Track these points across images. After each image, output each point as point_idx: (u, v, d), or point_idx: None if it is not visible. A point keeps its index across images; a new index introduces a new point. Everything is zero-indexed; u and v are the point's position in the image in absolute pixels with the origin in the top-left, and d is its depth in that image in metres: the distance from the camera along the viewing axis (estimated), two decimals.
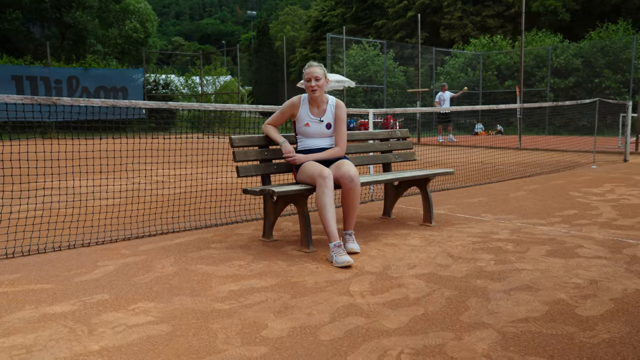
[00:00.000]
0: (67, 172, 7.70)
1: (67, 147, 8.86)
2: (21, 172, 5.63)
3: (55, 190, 6.66)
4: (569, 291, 3.01)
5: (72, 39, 28.44)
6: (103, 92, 23.21)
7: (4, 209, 5.36)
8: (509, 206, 5.73)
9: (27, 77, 21.66)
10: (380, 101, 25.38)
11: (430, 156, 11.89)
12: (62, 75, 22.48)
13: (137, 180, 7.70)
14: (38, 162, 5.81)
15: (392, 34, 39.17)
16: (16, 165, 7.28)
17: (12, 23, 28.22)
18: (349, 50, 27.42)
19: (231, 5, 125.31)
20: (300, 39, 54.45)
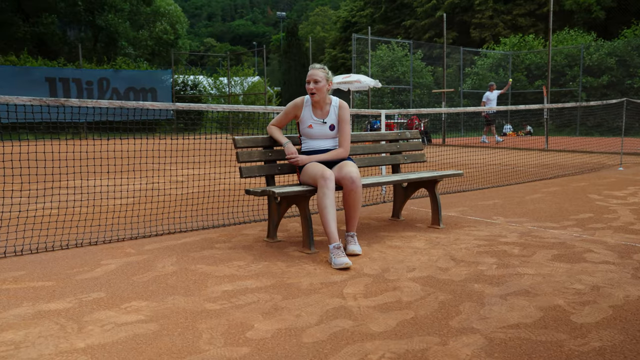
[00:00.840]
0: (89, 172, 7.87)
1: (95, 147, 9.06)
2: (45, 172, 5.78)
3: (78, 189, 6.81)
4: (568, 297, 2.94)
5: (104, 41, 29.07)
6: (132, 93, 23.65)
7: (21, 207, 5.50)
8: (523, 209, 5.62)
9: (60, 79, 22.23)
10: (408, 102, 25.20)
11: (452, 157, 11.75)
12: (93, 76, 22.98)
13: (156, 180, 7.82)
14: (61, 161, 5.94)
15: (421, 34, 38.86)
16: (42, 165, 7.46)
17: (48, 27, 29.03)
18: (377, 50, 27.32)
19: (262, 7, 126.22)
20: (329, 40, 54.46)
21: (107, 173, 8.16)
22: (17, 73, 21.96)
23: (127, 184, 6.55)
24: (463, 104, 26.43)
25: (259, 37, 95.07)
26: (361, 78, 16.65)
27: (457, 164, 10.18)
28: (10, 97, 3.80)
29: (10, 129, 19.67)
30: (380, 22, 42.70)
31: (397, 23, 41.85)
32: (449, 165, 9.99)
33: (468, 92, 27.18)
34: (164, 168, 8.88)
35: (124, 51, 28.66)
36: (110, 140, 16.08)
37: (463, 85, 27.07)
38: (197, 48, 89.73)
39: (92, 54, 28.46)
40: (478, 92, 27.32)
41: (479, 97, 27.83)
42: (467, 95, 27.33)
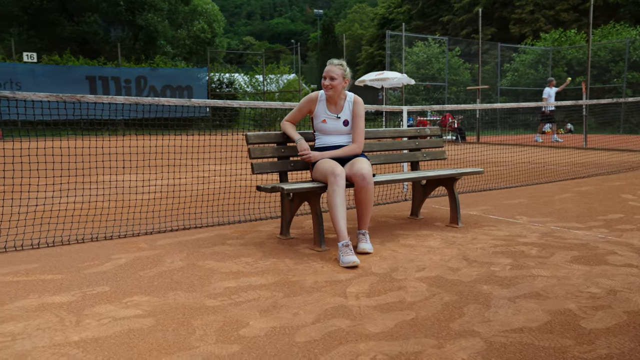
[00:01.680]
0: (120, 167, 8.02)
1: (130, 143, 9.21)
2: (76, 167, 5.90)
3: (106, 184, 6.94)
4: (581, 301, 2.80)
5: (144, 40, 29.64)
6: (169, 91, 24.05)
7: (46, 201, 5.63)
8: (550, 208, 5.43)
9: (99, 77, 22.79)
10: (443, 99, 24.83)
11: (484, 155, 11.49)
12: (131, 75, 23.47)
13: (182, 176, 7.90)
14: (96, 157, 6.06)
15: (459, 30, 38.22)
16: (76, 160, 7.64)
17: (91, 26, 29.78)
18: (413, 47, 27.00)
19: (301, 5, 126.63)
20: (366, 37, 54.20)
21: (136, 168, 8.28)
22: (60, 72, 22.61)
23: (154, 179, 6.64)
24: (500, 102, 25.87)
25: (297, 35, 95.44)
26: (394, 75, 16.47)
27: (487, 162, 9.95)
28: (28, 94, 3.88)
29: (52, 125, 20.27)
30: (418, 19, 42.23)
31: (435, 19, 41.30)
32: (479, 163, 9.77)
33: (506, 89, 26.60)
34: (191, 164, 8.97)
35: (163, 50, 29.16)
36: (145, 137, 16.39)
37: (501, 82, 26.48)
38: (236, 46, 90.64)
39: (132, 53, 29.08)
40: (516, 89, 26.71)
41: (517, 94, 27.22)
42: (505, 93, 26.75)
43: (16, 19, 29.25)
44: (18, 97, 3.83)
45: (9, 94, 3.79)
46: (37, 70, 22.22)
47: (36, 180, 6.98)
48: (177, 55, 30.16)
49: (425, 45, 26.64)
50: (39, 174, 7.41)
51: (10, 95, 3.79)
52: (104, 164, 8.51)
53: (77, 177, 7.52)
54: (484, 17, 39.09)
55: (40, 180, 7.03)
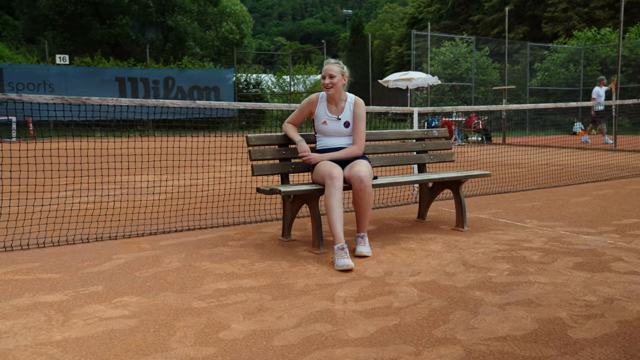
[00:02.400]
0: (139, 168, 8.14)
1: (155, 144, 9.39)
2: (95, 167, 6.02)
3: (124, 185, 7.06)
4: (574, 309, 2.72)
5: (173, 41, 30.06)
6: (196, 92, 24.34)
7: (59, 200, 5.75)
8: (563, 212, 5.29)
9: (129, 79, 23.22)
10: (470, 100, 24.50)
11: (505, 157, 11.29)
12: (159, 76, 23.84)
13: (199, 177, 7.98)
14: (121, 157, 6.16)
15: (489, 30, 37.65)
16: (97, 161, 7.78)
17: (122, 28, 30.35)
18: (440, 47, 26.72)
19: (332, 5, 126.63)
20: (395, 37, 53.84)
21: (153, 169, 8.40)
22: (91, 73, 23.13)
23: (169, 179, 6.71)
24: (530, 102, 25.39)
25: (328, 35, 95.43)
26: (419, 75, 16.32)
27: (508, 164, 9.76)
28: (34, 96, 3.96)
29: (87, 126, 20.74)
30: (447, 18, 41.76)
31: (465, 19, 40.76)
32: (498, 165, 9.60)
33: (536, 89, 26.08)
34: (209, 165, 9.04)
35: (191, 51, 29.54)
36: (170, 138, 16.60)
37: (530, 82, 25.98)
38: (267, 47, 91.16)
39: (162, 54, 29.52)
40: (547, 89, 26.17)
41: (548, 94, 26.67)
42: (535, 93, 26.24)
43: (51, 23, 30.01)
44: (24, 100, 3.91)
45: (16, 97, 3.88)
46: (69, 72, 22.77)
47: (56, 180, 7.14)
48: (205, 56, 30.50)
49: (453, 45, 26.32)
50: (60, 174, 7.58)
51: (17, 98, 3.88)
52: (125, 165, 8.65)
53: (96, 177, 7.66)
54: (515, 15, 38.45)
55: (60, 180, 7.19)
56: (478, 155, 11.82)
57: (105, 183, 7.34)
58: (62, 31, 29.52)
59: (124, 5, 30.53)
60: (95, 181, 6.93)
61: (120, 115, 18.79)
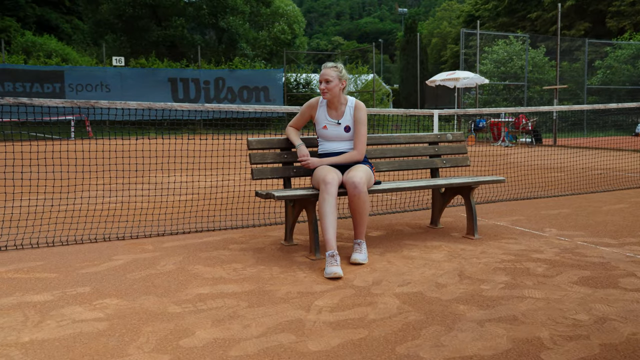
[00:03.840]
0: (172, 169, 8.32)
1: (200, 145, 9.59)
2: (130, 167, 6.19)
3: (152, 185, 7.22)
4: (559, 329, 2.54)
5: (226, 42, 30.64)
6: (246, 92, 24.69)
7: (82, 200, 5.94)
8: (589, 221, 5.01)
9: (180, 79, 23.83)
10: (523, 99, 23.68)
11: (548, 159, 10.83)
12: (210, 76, 24.35)
13: (230, 177, 8.07)
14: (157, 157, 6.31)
15: (548, 26, 36.30)
16: (139, 161, 8.00)
17: (177, 30, 31.20)
18: (493, 46, 25.98)
19: (390, 4, 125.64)
20: (452, 35, 52.85)
21: (186, 170, 8.56)
22: (145, 74, 23.90)
23: (199, 180, 6.81)
24: (588, 101, 24.31)
25: (385, 34, 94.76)
26: (466, 75, 15.92)
27: (550, 167, 9.36)
28: (45, 100, 4.09)
29: (143, 125, 21.46)
30: (504, 15, 40.60)
31: (523, 16, 39.50)
32: (536, 169, 9.21)
33: (595, 88, 24.94)
34: (242, 166, 9.12)
35: (242, 52, 30.01)
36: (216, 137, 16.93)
37: (590, 80, 24.86)
38: (324, 46, 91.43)
39: (215, 55, 30.15)
40: (608, 87, 24.98)
41: (609, 93, 25.46)
42: (595, 92, 25.10)
43: (111, 26, 31.23)
44: (35, 104, 4.05)
45: (27, 101, 4.01)
46: (124, 73, 23.61)
47: (87, 180, 7.39)
48: (257, 56, 30.92)
49: (507, 43, 25.53)
50: (97, 174, 7.85)
51: (27, 102, 4.02)
52: (159, 166, 8.86)
53: (130, 177, 7.88)
54: (576, 11, 36.90)
55: (91, 180, 7.43)
56: (521, 157, 11.41)
57: (135, 184, 7.53)
58: (120, 34, 30.64)
59: (180, 7, 31.40)
60: (127, 181, 7.13)
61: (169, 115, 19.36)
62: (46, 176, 5.45)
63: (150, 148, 6.42)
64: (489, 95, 24.78)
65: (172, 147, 9.90)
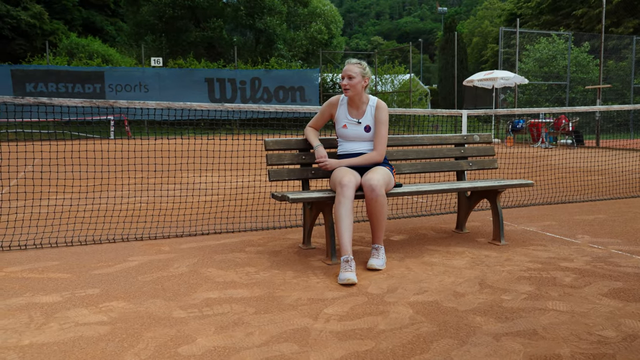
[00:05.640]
0: (203, 169, 8.33)
1: (232, 145, 9.61)
2: (162, 167, 6.21)
3: (184, 185, 7.24)
4: (581, 346, 2.36)
5: (263, 43, 30.79)
6: (282, 92, 24.73)
7: (108, 200, 5.97)
8: (626, 227, 4.73)
9: (217, 79, 24.05)
10: (565, 99, 22.94)
11: (589, 162, 10.40)
12: (246, 76, 24.49)
13: (258, 178, 8.03)
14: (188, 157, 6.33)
15: (594, 24, 35.12)
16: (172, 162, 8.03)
17: (215, 31, 31.52)
18: (535, 44, 25.27)
19: (431, 3, 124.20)
20: (493, 34, 51.80)
21: (217, 170, 8.56)
22: (183, 75, 24.22)
23: (231, 180, 6.78)
24: (635, 102, 23.37)
25: (425, 34, 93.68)
26: (504, 74, 15.50)
27: (589, 170, 8.98)
28: (64, 100, 4.10)
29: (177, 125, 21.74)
30: (548, 13, 39.49)
31: (567, 13, 38.34)
32: (575, 171, 8.84)
33: None
34: None
35: (279, 52, 30.10)
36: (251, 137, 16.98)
37: (637, 79, 23.89)
38: (364, 46, 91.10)
39: (253, 56, 30.32)
40: None
41: None
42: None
43: (151, 27, 31.78)
44: (55, 103, 4.06)
45: (46, 100, 4.03)
46: (162, 73, 23.98)
47: (120, 180, 7.46)
48: (294, 56, 30.96)
49: (549, 41, 24.80)
50: (130, 174, 7.91)
51: (47, 102, 4.03)
52: (191, 166, 8.89)
53: (162, 178, 7.93)
54: (625, 8, 35.53)
55: (123, 180, 7.50)
56: (561, 159, 11.01)
57: (161, 184, 7.56)
58: (160, 35, 31.17)
59: (219, 8, 31.71)
60: (157, 182, 7.16)
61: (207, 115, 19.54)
62: (78, 175, 5.51)
63: (183, 148, 6.46)
64: (530, 95, 24.11)
65: (205, 147, 9.97)
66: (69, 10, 40.32)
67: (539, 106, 22.77)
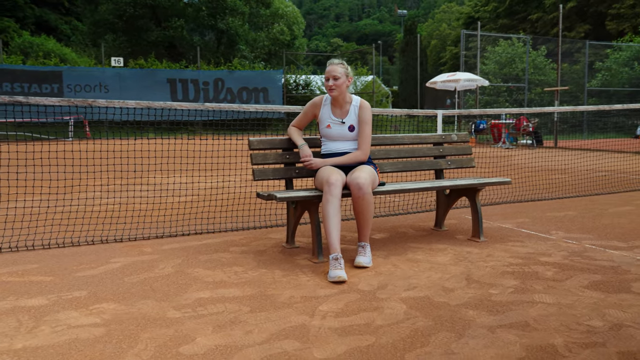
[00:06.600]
0: (170, 170, 8.22)
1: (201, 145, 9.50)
2: (129, 168, 6.09)
3: (152, 186, 7.12)
4: (573, 336, 2.45)
5: (225, 43, 30.56)
6: (245, 93, 24.59)
7: (79, 202, 5.83)
8: (596, 223, 4.92)
9: (179, 80, 23.73)
10: (524, 101, 23.61)
11: (551, 161, 10.75)
12: (209, 77, 24.25)
13: (230, 179, 7.97)
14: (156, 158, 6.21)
15: (549, 28, 36.26)
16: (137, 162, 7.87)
17: (176, 30, 31.11)
18: (496, 47, 25.91)
19: (389, 5, 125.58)
20: (451, 37, 52.82)
21: (187, 171, 8.47)
22: (144, 75, 23.80)
23: (202, 181, 6.70)
24: (589, 103, 24.24)
25: (385, 36, 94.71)
26: (467, 76, 15.84)
27: (551, 169, 9.28)
28: (41, 99, 3.99)
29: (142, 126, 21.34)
30: (505, 17, 40.56)
31: (523, 17, 39.46)
32: (539, 170, 9.12)
33: (596, 89, 24.87)
34: (242, 167, 9.04)
35: (241, 53, 29.93)
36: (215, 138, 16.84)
37: (590, 82, 24.79)
38: (324, 48, 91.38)
39: (215, 56, 30.05)
40: (607, 89, 24.92)
41: (609, 95, 25.39)
42: (595, 94, 25.02)
43: (111, 26, 31.12)
44: (31, 102, 3.95)
45: (23, 99, 3.92)
46: (123, 74, 23.51)
47: (84, 180, 7.29)
48: (256, 57, 30.84)
49: (509, 44, 25.47)
50: (95, 175, 7.74)
51: (24, 101, 3.92)
52: (159, 167, 8.75)
53: (128, 179, 7.78)
54: (577, 13, 36.83)
55: (88, 181, 7.33)
56: (523, 159, 11.32)
57: (134, 185, 7.43)
58: (120, 34, 30.55)
59: (180, 7, 31.31)
60: (125, 183, 7.02)
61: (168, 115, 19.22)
62: (42, 177, 5.35)
63: (149, 148, 6.36)
64: (490, 96, 24.69)
65: (171, 147, 9.84)
66: (20, 7, 39.07)
67: (499, 107, 23.35)
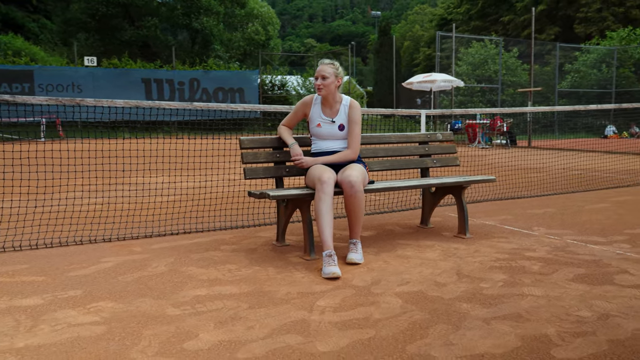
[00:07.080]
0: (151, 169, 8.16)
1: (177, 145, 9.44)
2: (111, 168, 6.03)
3: (137, 186, 7.07)
4: (564, 326, 2.55)
5: (200, 43, 30.35)
6: (221, 93, 24.48)
7: (65, 202, 5.77)
8: (574, 220, 5.07)
9: (154, 80, 23.50)
10: (497, 102, 24.03)
11: (527, 161, 10.99)
12: (185, 77, 24.07)
13: (213, 179, 7.95)
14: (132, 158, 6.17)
15: (520, 30, 36.96)
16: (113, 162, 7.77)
17: (150, 30, 30.79)
18: (469, 48, 26.31)
19: (363, 7, 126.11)
20: (424, 39, 53.37)
21: (169, 170, 8.42)
22: (118, 75, 23.50)
23: (180, 181, 6.69)
24: (560, 104, 24.80)
25: (358, 37, 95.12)
26: (442, 77, 16.06)
27: (527, 168, 9.50)
28: (28, 98, 3.96)
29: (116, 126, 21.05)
30: (477, 19, 41.19)
31: (495, 19, 40.14)
32: (516, 169, 9.33)
33: (566, 91, 25.46)
34: (223, 167, 9.02)
35: (217, 53, 29.77)
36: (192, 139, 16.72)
37: (560, 84, 25.36)
38: (297, 49, 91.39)
39: (188, 56, 29.82)
40: (577, 91, 25.53)
41: (579, 96, 26.01)
42: (565, 95, 25.60)
43: (83, 25, 30.62)
44: (18, 101, 3.91)
45: (9, 98, 3.88)
46: (96, 73, 23.18)
47: (65, 181, 7.20)
48: (232, 57, 30.71)
49: (482, 46, 25.89)
50: (76, 175, 7.64)
51: (10, 99, 3.88)
52: (140, 166, 8.68)
53: (110, 179, 7.71)
54: (547, 16, 37.61)
55: (69, 181, 7.24)
56: (498, 159, 11.55)
57: (115, 184, 7.37)
58: (93, 33, 30.09)
59: (153, 7, 30.99)
60: (108, 182, 6.96)
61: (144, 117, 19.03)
62: (21, 177, 5.26)
63: (123, 148, 6.29)
64: (464, 97, 25.06)
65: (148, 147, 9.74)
66: None
67: (474, 107, 23.70)
